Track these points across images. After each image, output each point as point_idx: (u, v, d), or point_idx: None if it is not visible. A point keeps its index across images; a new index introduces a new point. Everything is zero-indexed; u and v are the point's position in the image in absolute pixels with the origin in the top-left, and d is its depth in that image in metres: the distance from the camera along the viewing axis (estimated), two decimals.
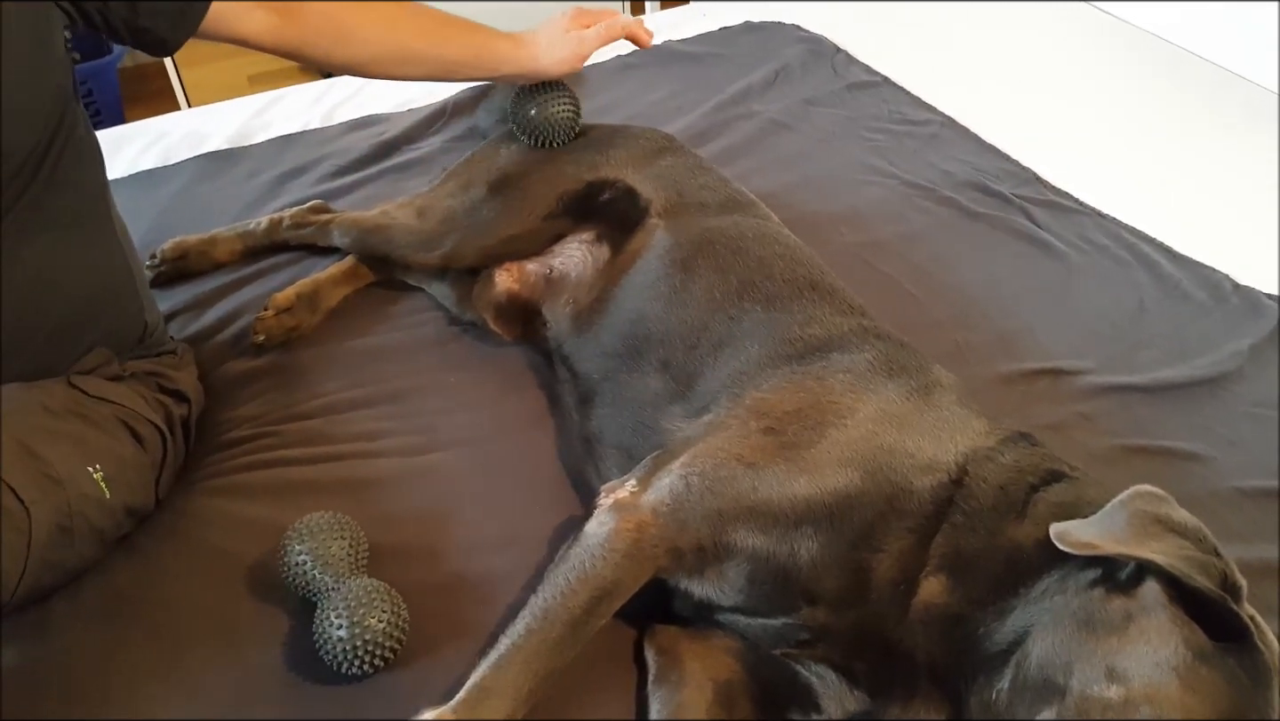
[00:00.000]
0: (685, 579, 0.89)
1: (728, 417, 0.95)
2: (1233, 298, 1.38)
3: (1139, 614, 0.76)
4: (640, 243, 1.18)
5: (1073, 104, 1.85)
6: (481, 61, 1.16)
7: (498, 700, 0.80)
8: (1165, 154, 1.71)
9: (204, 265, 1.39)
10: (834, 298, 1.08)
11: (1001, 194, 1.59)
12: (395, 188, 1.49)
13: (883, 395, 0.94)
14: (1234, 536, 0.99)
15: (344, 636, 0.86)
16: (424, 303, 1.35)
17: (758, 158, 1.67)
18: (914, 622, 0.83)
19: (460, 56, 1.14)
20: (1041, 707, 0.75)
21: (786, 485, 0.87)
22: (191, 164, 1.64)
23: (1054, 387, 1.23)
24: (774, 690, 0.88)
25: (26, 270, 0.94)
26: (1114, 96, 1.88)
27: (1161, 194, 1.60)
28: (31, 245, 0.94)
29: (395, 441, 1.14)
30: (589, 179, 1.25)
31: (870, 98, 1.86)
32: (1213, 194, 1.61)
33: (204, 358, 1.24)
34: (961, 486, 0.86)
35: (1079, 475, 0.89)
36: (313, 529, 0.93)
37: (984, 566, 0.83)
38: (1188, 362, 1.27)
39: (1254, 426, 1.18)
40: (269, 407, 1.18)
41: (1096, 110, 1.84)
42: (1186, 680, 0.72)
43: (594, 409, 1.10)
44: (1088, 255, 1.47)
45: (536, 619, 0.84)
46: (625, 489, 0.92)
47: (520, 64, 1.18)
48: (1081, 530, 0.80)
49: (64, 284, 0.97)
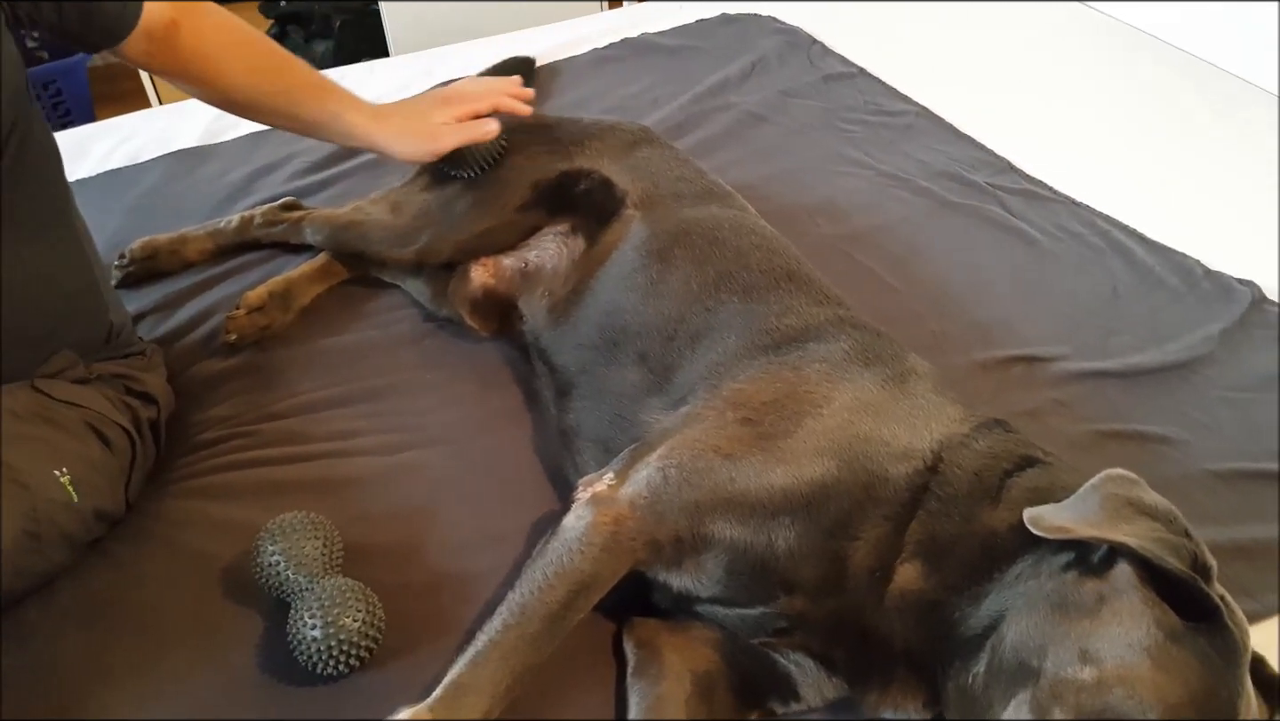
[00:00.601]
0: (663, 571, 0.89)
1: (705, 409, 0.95)
2: (1204, 283, 1.40)
3: (1111, 596, 0.76)
4: (616, 234, 1.18)
5: (1046, 92, 1.86)
6: (334, 129, 1.17)
7: (475, 696, 0.79)
8: (1139, 141, 1.72)
9: (174, 265, 1.38)
10: (810, 288, 1.08)
11: (977, 183, 1.60)
12: (369, 184, 1.47)
13: (859, 384, 0.94)
14: (1206, 518, 1.00)
15: (318, 636, 0.85)
16: (399, 299, 1.34)
17: (735, 150, 1.67)
18: (890, 609, 0.83)
19: (315, 120, 1.16)
20: (1016, 690, 0.76)
21: (764, 475, 0.87)
22: (161, 162, 1.62)
23: (1029, 374, 1.24)
24: (753, 679, 0.88)
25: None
26: (1087, 85, 1.89)
27: (1135, 181, 1.61)
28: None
29: (371, 440, 1.13)
30: (564, 169, 1.24)
31: (846, 89, 1.86)
32: (1186, 180, 1.62)
33: (175, 358, 1.23)
34: (936, 473, 0.87)
35: (1052, 460, 0.90)
36: (286, 529, 0.92)
37: (959, 552, 0.83)
38: (1160, 348, 1.28)
39: (1226, 410, 1.19)
40: (242, 408, 1.17)
41: (1070, 98, 1.84)
42: (1158, 660, 0.73)
43: (571, 402, 1.09)
44: (1062, 243, 1.48)
45: (514, 614, 0.83)
46: (603, 482, 0.92)
47: (371, 141, 1.18)
48: (1055, 514, 0.80)
49: (24, 286, 0.96)
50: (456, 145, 1.19)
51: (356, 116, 1.16)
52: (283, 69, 1.14)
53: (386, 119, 1.18)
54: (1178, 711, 0.71)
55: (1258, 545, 1.02)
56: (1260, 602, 0.96)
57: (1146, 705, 0.71)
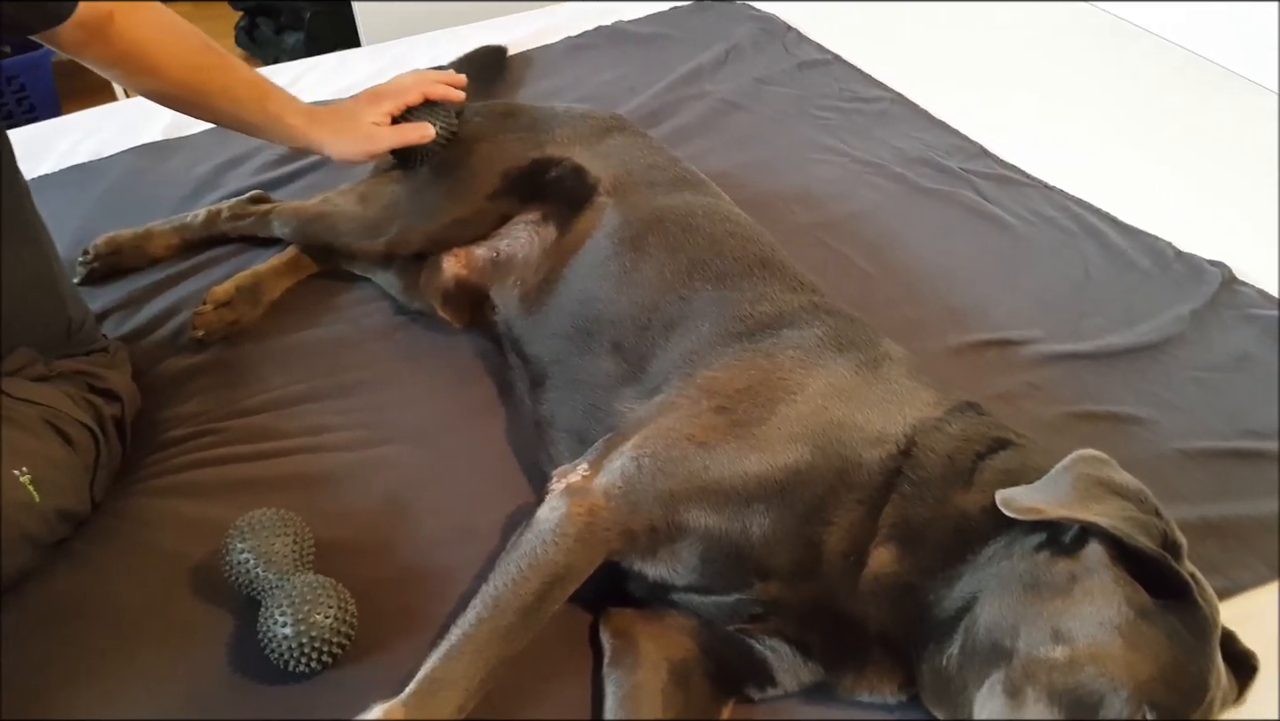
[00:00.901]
0: (639, 560, 0.88)
1: (679, 397, 0.95)
2: (1175, 264, 1.41)
3: (1083, 575, 0.77)
4: (589, 222, 1.17)
5: (1019, 78, 1.87)
6: (272, 129, 1.16)
7: (449, 690, 0.79)
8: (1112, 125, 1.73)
9: (139, 260, 1.35)
10: (784, 275, 1.08)
11: (950, 169, 1.60)
12: (337, 176, 1.45)
13: (832, 370, 0.94)
14: (1177, 497, 1.01)
15: (289, 634, 0.84)
16: (369, 292, 1.32)
17: (710, 138, 1.66)
18: (865, 593, 0.83)
19: (252, 120, 1.15)
20: (990, 671, 0.76)
21: (738, 463, 0.86)
22: (126, 156, 1.60)
23: (1003, 358, 1.25)
24: (729, 666, 0.88)
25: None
26: (1059, 69, 1.90)
27: (1109, 164, 1.62)
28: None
29: (342, 435, 1.12)
30: (535, 156, 1.23)
31: (821, 76, 1.86)
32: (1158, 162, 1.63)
33: (142, 355, 1.21)
34: (909, 457, 0.87)
35: (1024, 442, 0.90)
36: (255, 526, 0.91)
37: (932, 535, 0.83)
38: (1132, 329, 1.29)
39: (1196, 389, 1.20)
40: (210, 405, 1.15)
41: (1042, 83, 1.85)
42: (1129, 638, 0.74)
43: (545, 393, 1.09)
44: (1035, 227, 1.48)
45: (488, 607, 0.83)
46: (577, 472, 0.91)
47: (309, 143, 1.17)
48: (1026, 496, 0.80)
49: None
50: (393, 146, 1.18)
51: (295, 119, 1.15)
52: (221, 67, 1.12)
53: (323, 121, 1.17)
54: (1149, 687, 0.72)
55: (1228, 523, 1.03)
56: (1230, 579, 0.97)
57: (1118, 682, 0.72)
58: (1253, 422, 1.16)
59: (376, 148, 1.17)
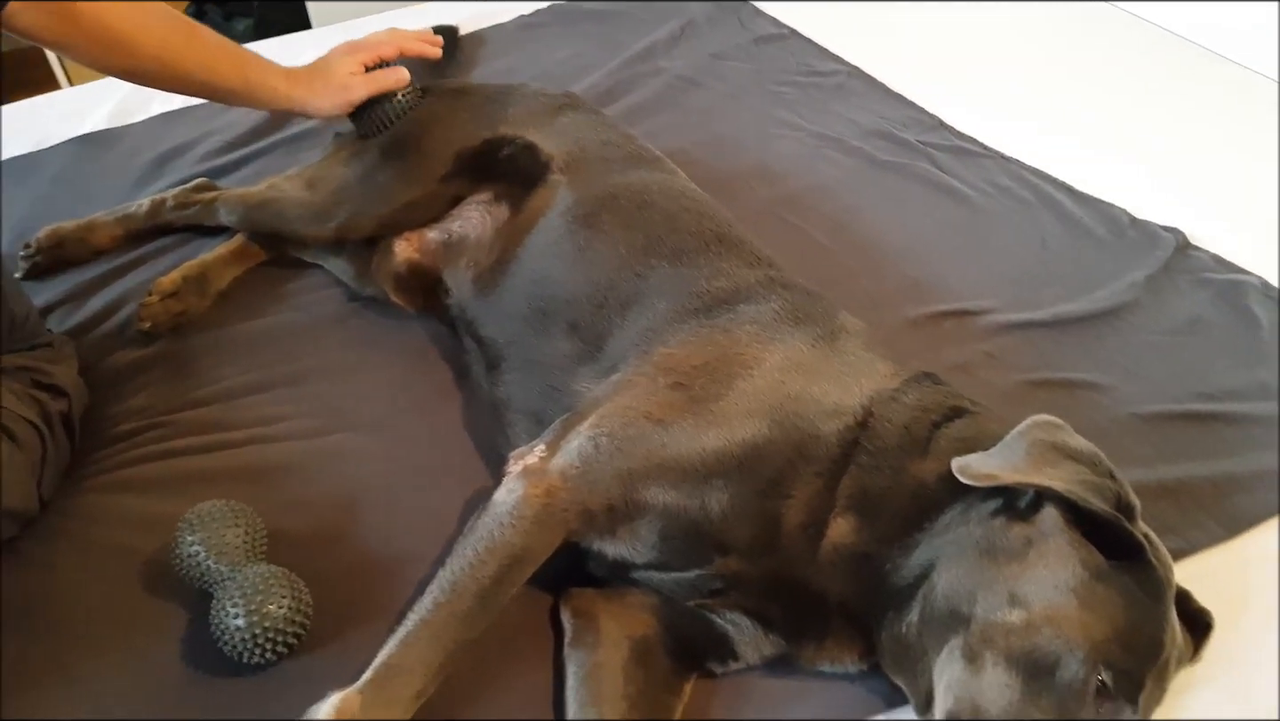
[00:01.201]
0: (598, 540, 0.88)
1: (636, 375, 0.94)
2: (1130, 231, 1.42)
3: (1038, 539, 0.77)
4: (542, 200, 1.15)
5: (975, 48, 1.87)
6: (252, 93, 1.15)
7: (406, 676, 0.78)
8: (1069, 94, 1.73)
9: (83, 253, 1.32)
10: (741, 250, 1.07)
11: (908, 141, 1.60)
12: (286, 161, 1.43)
13: (789, 344, 0.93)
14: (1132, 460, 1.01)
15: (241, 625, 0.83)
16: (320, 279, 1.30)
17: (666, 115, 1.65)
18: (824, 564, 0.83)
19: (230, 86, 1.14)
20: (949, 637, 0.77)
21: (695, 439, 0.86)
22: (67, 147, 1.56)
23: (961, 328, 1.25)
24: (691, 641, 0.87)
25: None
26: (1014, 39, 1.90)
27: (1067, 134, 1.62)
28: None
29: (295, 425, 1.10)
30: (487, 136, 1.22)
31: (777, 50, 1.85)
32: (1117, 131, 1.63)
33: (88, 350, 1.18)
34: (867, 428, 0.87)
35: (980, 410, 0.90)
36: (205, 518, 0.89)
37: (890, 504, 0.83)
38: (1088, 296, 1.30)
39: (1150, 354, 1.21)
40: (159, 398, 1.13)
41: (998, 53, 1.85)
42: (1084, 599, 0.74)
43: (501, 375, 1.07)
44: (992, 198, 1.48)
45: (444, 591, 0.82)
46: (534, 454, 0.90)
47: (290, 101, 1.17)
48: (982, 462, 0.81)
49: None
50: (368, 94, 1.18)
51: (275, 80, 1.15)
52: (194, 37, 1.10)
53: (301, 80, 1.16)
54: (1105, 648, 0.73)
55: (1182, 484, 1.04)
56: (1185, 540, 0.98)
57: (1073, 644, 0.73)
58: (1206, 385, 1.17)
59: (353, 96, 1.18)
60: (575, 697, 0.83)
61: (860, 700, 0.86)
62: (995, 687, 0.73)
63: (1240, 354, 1.22)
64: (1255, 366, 1.20)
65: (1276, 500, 1.03)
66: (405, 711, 0.77)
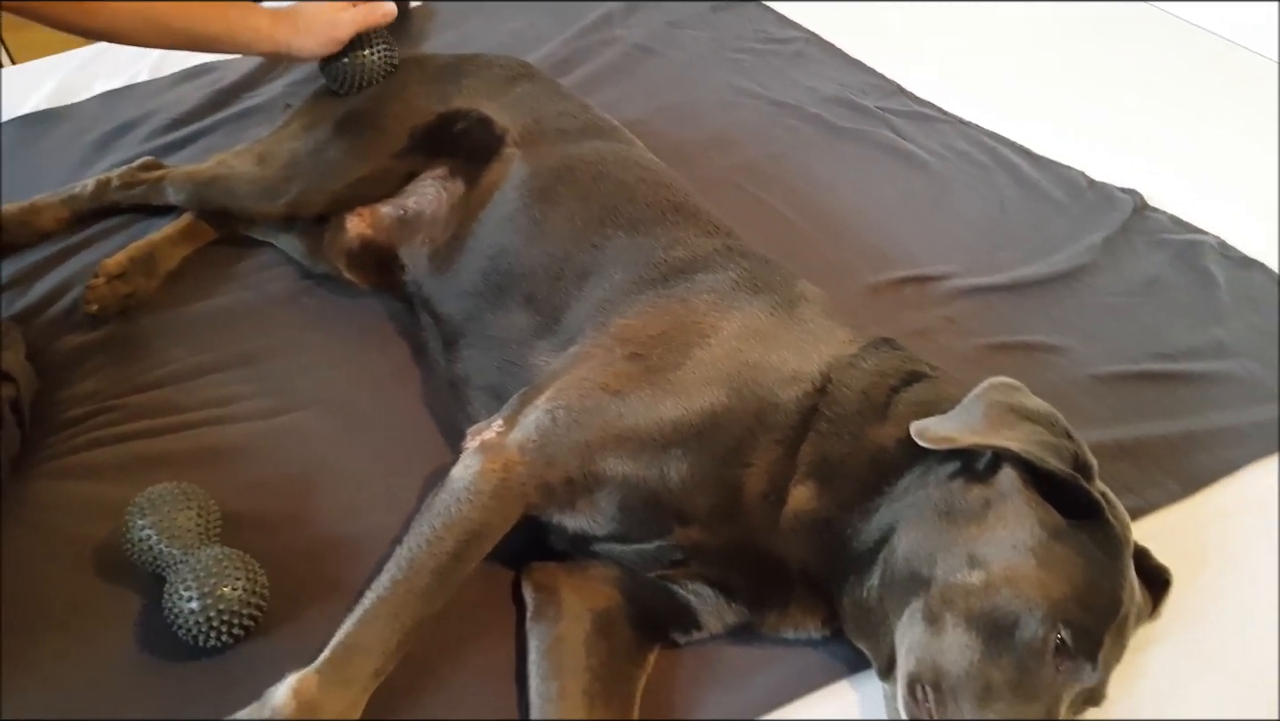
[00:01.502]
0: (557, 513, 0.87)
1: (593, 347, 0.93)
2: (1088, 194, 1.42)
3: (996, 500, 0.78)
4: (497, 174, 1.13)
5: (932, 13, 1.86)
6: (236, 37, 1.15)
7: (364, 655, 0.77)
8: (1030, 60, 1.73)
9: (27, 236, 1.28)
10: (698, 219, 1.06)
11: (866, 108, 1.59)
12: (234, 138, 1.40)
13: (747, 312, 0.93)
14: (1091, 420, 1.02)
15: (195, 608, 0.81)
16: (272, 257, 1.28)
17: (622, 85, 1.63)
18: (785, 531, 0.83)
19: (214, 31, 1.13)
20: (910, 600, 0.77)
21: (653, 410, 0.85)
22: (9, 127, 1.51)
23: (920, 294, 1.25)
24: (653, 612, 0.87)
25: None
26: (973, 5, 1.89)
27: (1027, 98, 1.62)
28: None
29: (249, 405, 1.08)
30: (440, 110, 1.20)
31: (735, 18, 1.83)
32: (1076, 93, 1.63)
33: (36, 335, 1.15)
34: (825, 394, 0.87)
35: (938, 374, 0.90)
36: (155, 501, 0.87)
37: (849, 469, 0.83)
38: (1046, 259, 1.31)
39: (1108, 315, 1.23)
40: (109, 381, 1.10)
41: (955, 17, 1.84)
42: (1043, 559, 0.75)
43: (459, 351, 1.06)
44: (950, 163, 1.49)
45: (402, 569, 0.81)
46: (491, 429, 0.89)
47: (275, 43, 1.16)
48: (939, 425, 0.81)
49: None
50: (356, 29, 1.17)
51: (260, 20, 1.14)
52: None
53: (285, 19, 1.15)
54: (1063, 606, 0.73)
55: (1140, 443, 1.05)
56: (1143, 498, 0.99)
57: (1033, 603, 0.73)
58: (1163, 345, 1.19)
59: (340, 33, 1.17)
60: (537, 671, 0.83)
61: (824, 666, 0.86)
62: (956, 648, 0.73)
63: (1197, 314, 1.23)
64: (1212, 325, 1.21)
65: (1233, 458, 1.04)
66: (364, 690, 0.76)
